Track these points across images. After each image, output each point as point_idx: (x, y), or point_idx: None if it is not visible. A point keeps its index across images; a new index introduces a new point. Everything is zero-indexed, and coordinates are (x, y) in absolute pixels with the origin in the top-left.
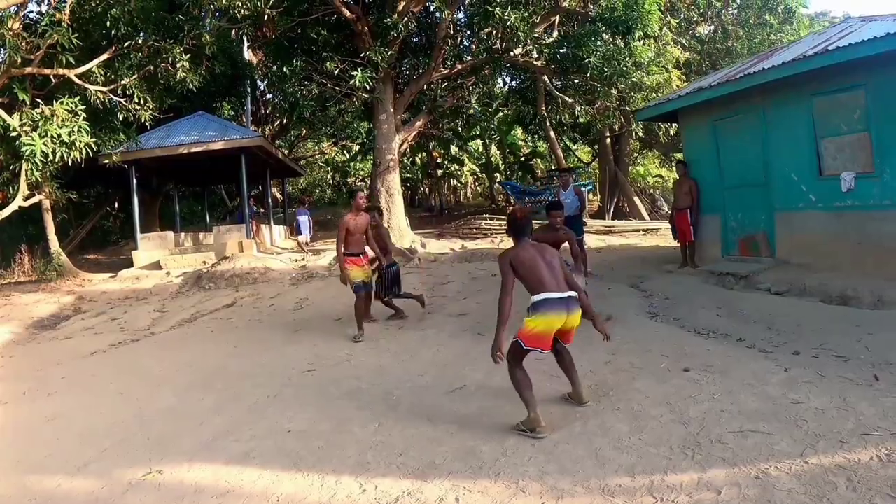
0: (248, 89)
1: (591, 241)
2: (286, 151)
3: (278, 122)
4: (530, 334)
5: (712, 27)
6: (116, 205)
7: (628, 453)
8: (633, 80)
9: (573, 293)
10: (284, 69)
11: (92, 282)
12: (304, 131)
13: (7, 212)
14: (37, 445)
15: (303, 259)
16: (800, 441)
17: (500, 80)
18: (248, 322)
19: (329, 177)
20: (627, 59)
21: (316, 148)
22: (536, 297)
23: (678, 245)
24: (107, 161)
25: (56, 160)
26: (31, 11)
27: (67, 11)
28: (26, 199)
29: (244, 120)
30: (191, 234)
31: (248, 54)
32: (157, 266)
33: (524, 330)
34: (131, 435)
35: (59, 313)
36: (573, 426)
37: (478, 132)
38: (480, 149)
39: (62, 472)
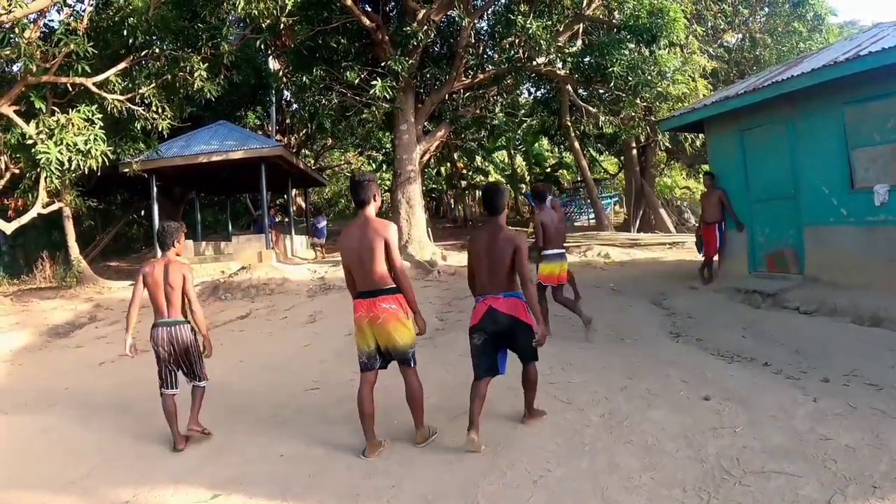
0: (273, 99)
1: (615, 254)
2: (312, 161)
3: (304, 131)
4: None
5: (740, 36)
6: (143, 213)
7: (637, 494)
8: (658, 89)
9: None
10: (304, 78)
11: (111, 289)
12: (330, 141)
13: (25, 219)
14: (26, 459)
15: (317, 271)
16: (828, 485)
17: (524, 91)
18: (259, 335)
19: None
20: (652, 68)
21: (342, 158)
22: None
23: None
24: (127, 170)
25: (72, 168)
26: (51, 20)
27: (85, 20)
28: (45, 206)
29: (269, 129)
30: (212, 242)
31: (272, 64)
32: None
33: None
34: (121, 452)
35: (75, 321)
36: (580, 461)
37: (503, 143)
38: (506, 160)
39: (47, 488)
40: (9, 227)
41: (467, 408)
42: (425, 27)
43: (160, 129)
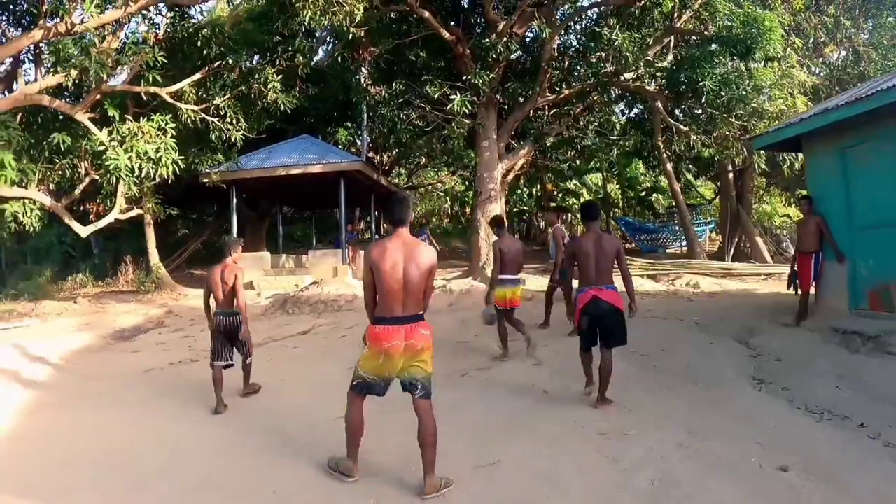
0: (364, 114)
1: (705, 284)
2: (405, 179)
3: (397, 149)
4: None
5: (843, 52)
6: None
7: None
8: (754, 105)
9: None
10: (383, 92)
11: (186, 297)
12: (423, 160)
13: (102, 223)
14: (30, 463)
15: None
16: None
17: (617, 110)
18: (312, 353)
19: (447, 206)
20: (747, 82)
21: (435, 177)
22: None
23: (798, 294)
24: (206, 180)
25: (142, 176)
26: (133, 31)
27: (161, 32)
28: (123, 212)
29: (361, 146)
30: (293, 256)
31: (363, 79)
32: (250, 286)
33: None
34: (121, 465)
35: (142, 325)
36: None
37: (596, 165)
38: (599, 183)
39: (38, 495)
40: (84, 231)
41: (492, 457)
42: (505, 39)
43: (234, 140)
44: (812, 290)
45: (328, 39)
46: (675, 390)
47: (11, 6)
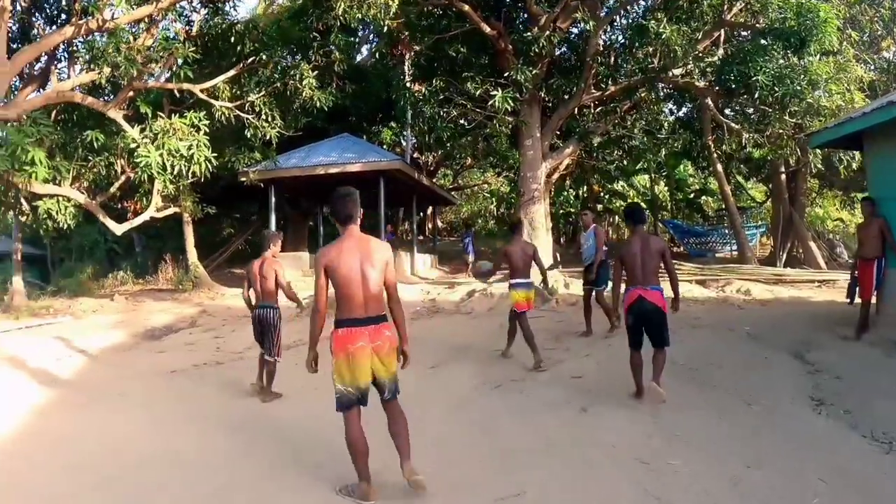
0: (407, 113)
1: (757, 290)
2: (450, 180)
3: (440, 149)
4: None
5: None
6: (281, 222)
7: None
8: (809, 100)
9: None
10: (423, 89)
11: (223, 296)
12: (469, 160)
13: (138, 221)
14: (35, 466)
15: (430, 292)
16: None
17: (665, 109)
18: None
19: (493, 207)
20: (801, 77)
21: (481, 178)
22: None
23: (857, 303)
24: (243, 179)
25: (174, 173)
26: (167, 28)
27: (195, 28)
28: (159, 210)
29: (404, 146)
30: None
31: (406, 76)
32: None
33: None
34: (125, 475)
35: (173, 325)
36: None
37: (643, 166)
38: (647, 184)
39: (38, 500)
40: (119, 229)
41: (515, 488)
42: (547, 33)
43: (269, 138)
44: (873, 300)
45: (371, 38)
46: (726, 413)
47: (45, 6)
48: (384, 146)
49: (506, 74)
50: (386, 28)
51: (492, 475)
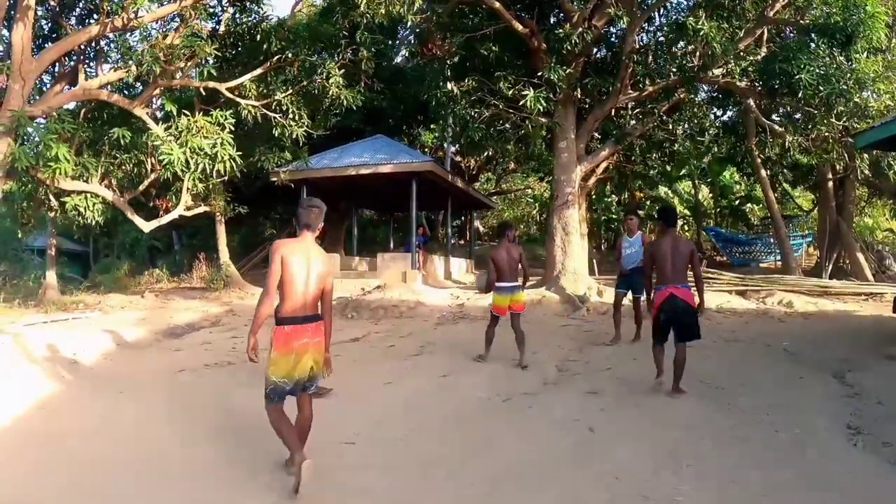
0: (444, 114)
1: (799, 303)
2: (493, 184)
3: (485, 153)
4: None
5: None
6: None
7: None
8: (856, 100)
9: None
10: (454, 89)
11: (253, 295)
12: (511, 164)
13: (166, 220)
14: (9, 465)
15: (459, 297)
16: None
17: (710, 114)
18: (350, 363)
19: (535, 213)
20: (848, 75)
21: (523, 182)
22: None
23: None
24: (274, 179)
25: (196, 171)
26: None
27: (223, 27)
28: (188, 209)
29: (445, 148)
30: (366, 258)
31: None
32: None
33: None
34: (97, 481)
35: (196, 323)
36: None
37: (686, 172)
38: (690, 190)
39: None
40: (147, 226)
41: None
42: (580, 30)
43: (296, 137)
44: None
45: (408, 40)
46: (750, 441)
47: (77, 6)
48: (425, 150)
49: (538, 74)
50: (411, 24)
51: (481, 499)
